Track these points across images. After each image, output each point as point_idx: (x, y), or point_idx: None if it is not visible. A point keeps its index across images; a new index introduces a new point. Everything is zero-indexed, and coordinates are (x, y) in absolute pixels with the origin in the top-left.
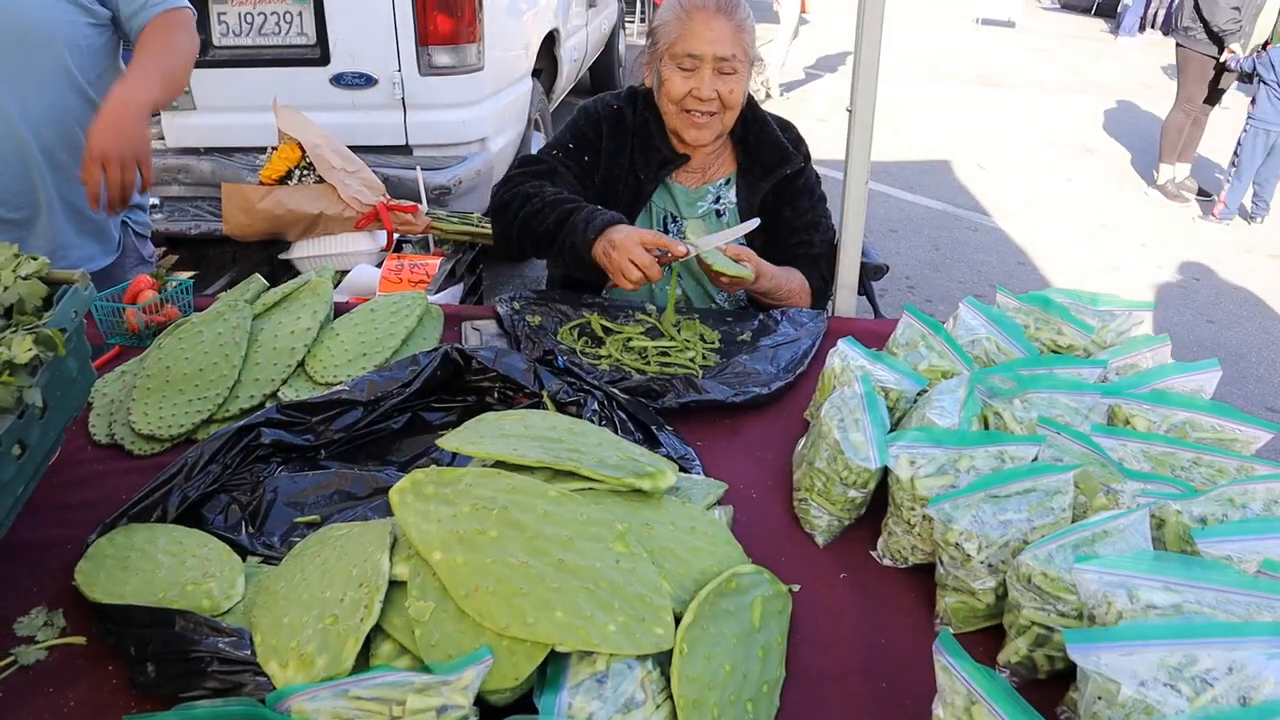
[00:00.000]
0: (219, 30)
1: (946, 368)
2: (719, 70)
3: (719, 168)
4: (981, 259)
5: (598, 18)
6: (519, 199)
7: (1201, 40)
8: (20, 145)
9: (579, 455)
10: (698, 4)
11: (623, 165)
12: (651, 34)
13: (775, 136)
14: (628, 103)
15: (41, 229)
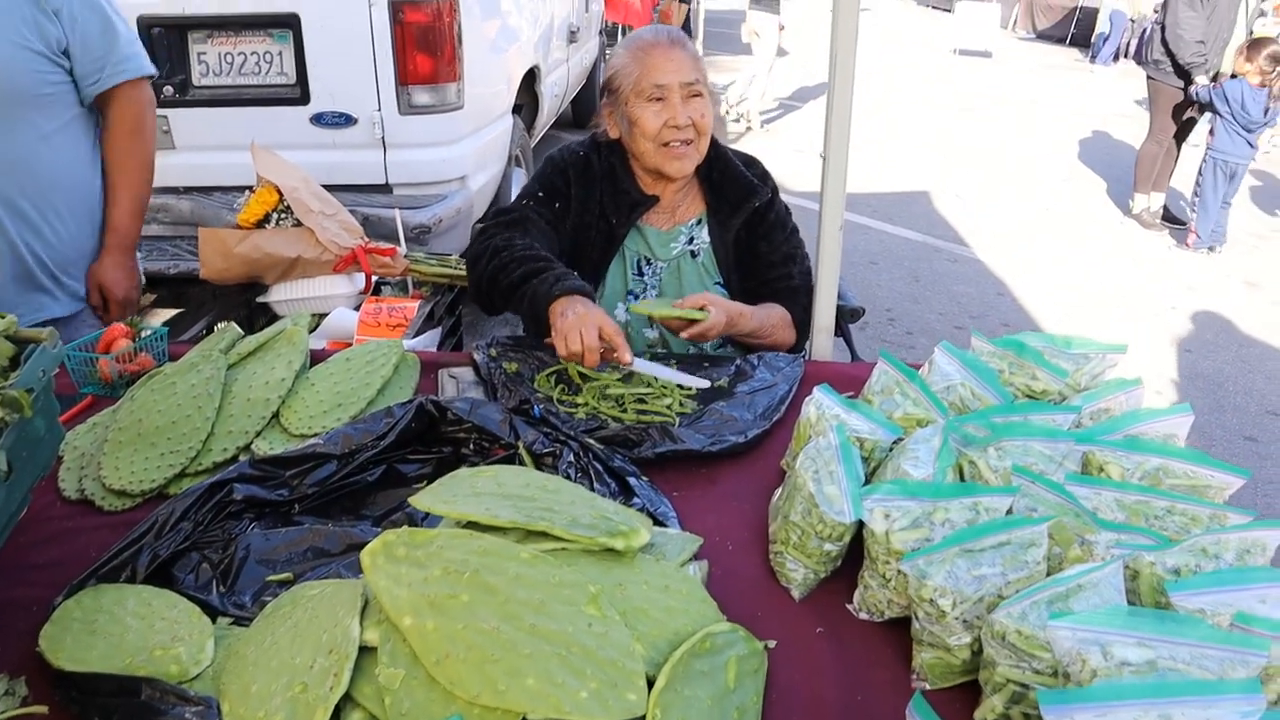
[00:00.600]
0: (198, 70)
1: (921, 415)
2: (688, 95)
3: (688, 208)
4: (961, 290)
5: (578, 52)
6: (489, 252)
7: (1170, 73)
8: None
9: (552, 514)
10: (650, 41)
11: (593, 211)
12: (607, 84)
13: (740, 172)
14: (592, 149)
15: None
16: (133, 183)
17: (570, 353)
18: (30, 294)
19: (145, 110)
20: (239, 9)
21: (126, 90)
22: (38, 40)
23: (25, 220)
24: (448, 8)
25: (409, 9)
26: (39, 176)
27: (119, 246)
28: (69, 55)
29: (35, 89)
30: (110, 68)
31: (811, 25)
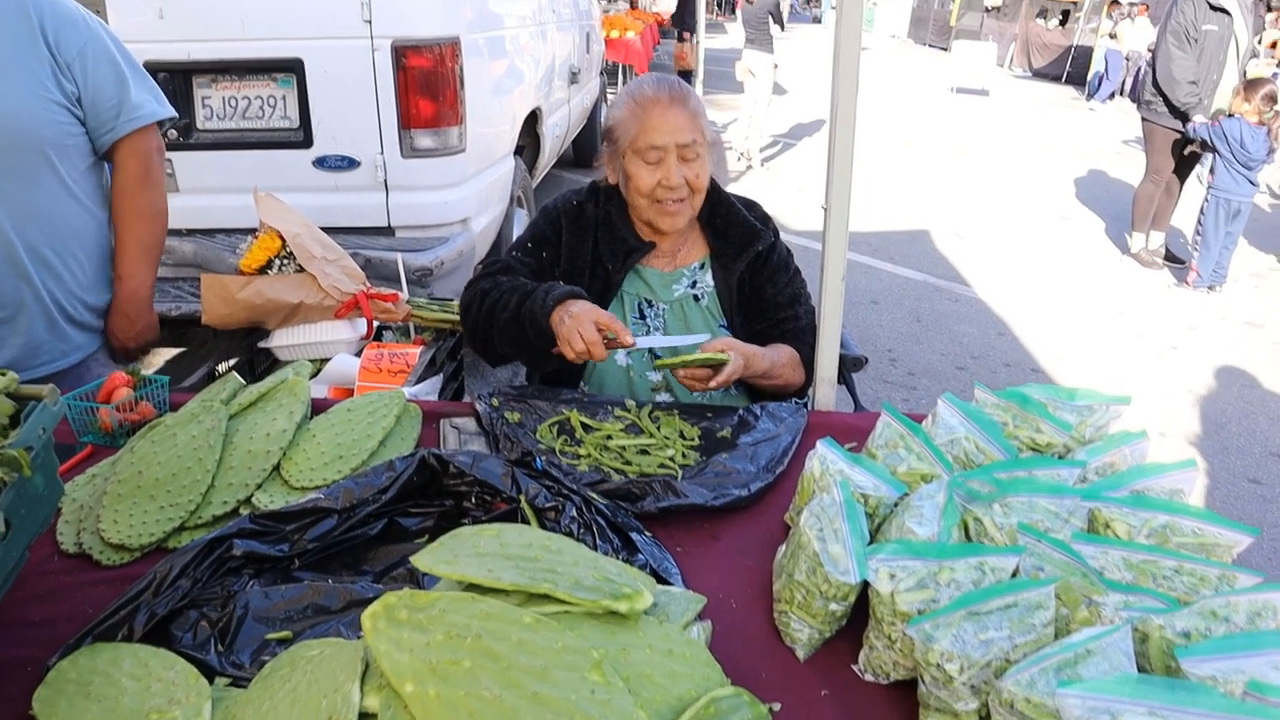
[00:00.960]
0: (203, 114)
1: (925, 470)
2: (683, 157)
3: (690, 251)
4: (962, 330)
5: (580, 93)
6: (479, 296)
7: (1163, 114)
8: (4, 245)
9: (555, 576)
10: (650, 98)
11: (585, 257)
12: (608, 133)
13: (743, 216)
14: (589, 197)
15: (22, 326)
16: (140, 231)
17: (577, 353)
18: (51, 339)
19: (153, 158)
20: (243, 54)
21: (135, 138)
22: (56, 90)
23: (48, 268)
24: (450, 52)
25: (411, 54)
26: (60, 225)
27: (125, 295)
28: (82, 106)
29: (58, 140)
30: (124, 116)
31: (805, 62)
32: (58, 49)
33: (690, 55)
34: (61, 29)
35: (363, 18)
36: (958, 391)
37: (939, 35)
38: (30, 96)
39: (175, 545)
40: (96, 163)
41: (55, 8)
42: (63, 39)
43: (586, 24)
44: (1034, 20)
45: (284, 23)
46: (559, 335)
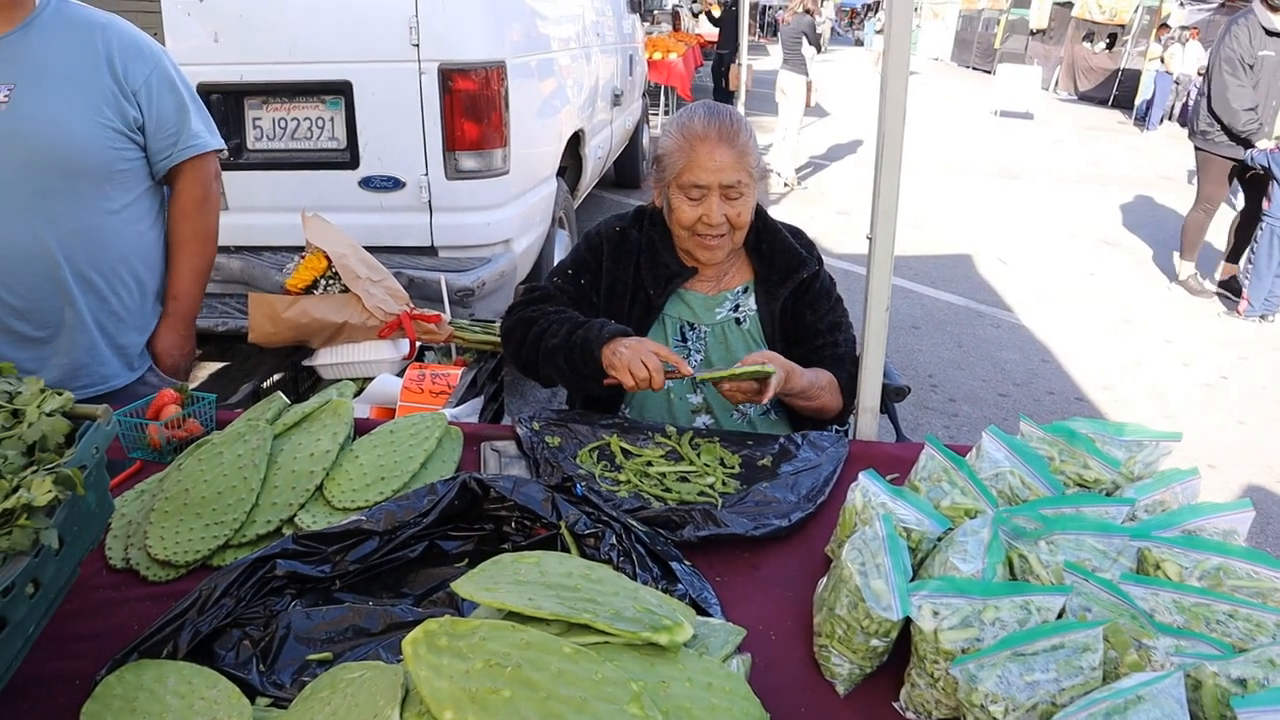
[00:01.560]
0: (253, 134)
1: (969, 505)
2: (726, 196)
3: (734, 275)
4: (1004, 356)
5: (622, 115)
6: (522, 324)
7: (1220, 142)
8: (51, 267)
9: (595, 607)
10: (699, 134)
11: (626, 282)
12: (657, 160)
13: (788, 243)
14: (633, 223)
15: (62, 347)
16: (194, 253)
17: (638, 379)
18: (91, 362)
19: (211, 184)
20: (294, 77)
21: (194, 165)
22: (117, 119)
23: (94, 291)
24: (496, 76)
25: (458, 77)
26: (108, 249)
27: (176, 313)
28: (144, 133)
29: (111, 165)
30: (182, 143)
31: (846, 84)
32: (125, 78)
33: (738, 77)
34: (129, 59)
35: (411, 41)
36: (999, 419)
37: (983, 58)
38: (88, 124)
39: (219, 563)
40: (152, 187)
41: (123, 39)
42: (130, 69)
43: (630, 46)
44: (1080, 43)
45: (334, 46)
46: (617, 365)
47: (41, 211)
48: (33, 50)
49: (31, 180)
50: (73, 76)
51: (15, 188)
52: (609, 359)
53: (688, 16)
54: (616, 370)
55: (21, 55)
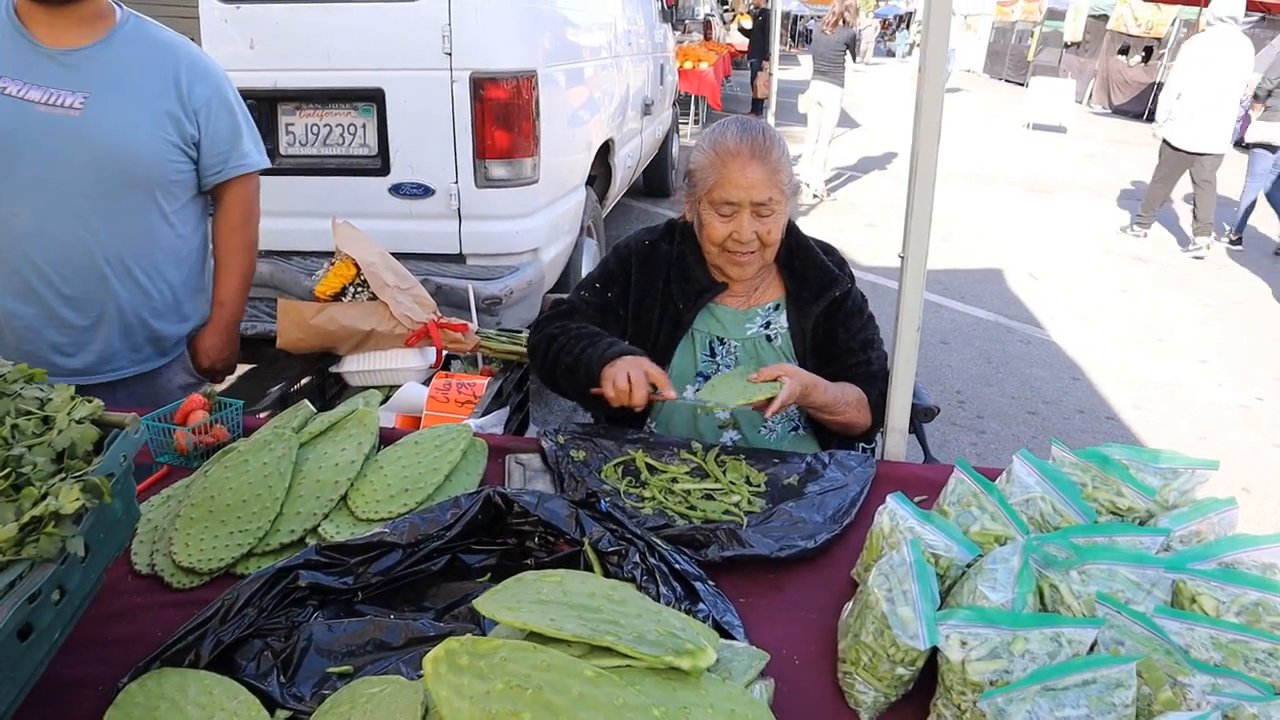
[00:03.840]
0: (285, 140)
1: (999, 532)
2: (757, 213)
3: (765, 291)
4: (1034, 373)
5: (653, 124)
6: (546, 340)
7: None
8: (99, 262)
9: (617, 629)
10: (732, 150)
11: (654, 296)
12: (689, 174)
13: (821, 261)
14: (663, 236)
15: (101, 334)
16: (239, 263)
17: (618, 390)
18: (125, 349)
19: (254, 199)
20: (327, 84)
21: (242, 181)
22: (176, 135)
23: (138, 287)
24: (527, 85)
25: (490, 85)
26: (153, 250)
27: (220, 319)
28: (198, 149)
29: (167, 176)
30: (233, 161)
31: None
32: (188, 98)
33: (765, 85)
34: (194, 81)
35: (443, 50)
36: (1028, 437)
37: (1016, 70)
38: (151, 137)
39: (243, 571)
40: (197, 196)
41: (191, 61)
42: (194, 90)
43: (661, 56)
44: (1115, 56)
45: (367, 54)
46: (604, 376)
47: (99, 212)
48: (110, 64)
49: (94, 183)
50: (143, 92)
51: (78, 188)
52: (604, 373)
53: (719, 26)
54: (603, 381)
55: (99, 67)
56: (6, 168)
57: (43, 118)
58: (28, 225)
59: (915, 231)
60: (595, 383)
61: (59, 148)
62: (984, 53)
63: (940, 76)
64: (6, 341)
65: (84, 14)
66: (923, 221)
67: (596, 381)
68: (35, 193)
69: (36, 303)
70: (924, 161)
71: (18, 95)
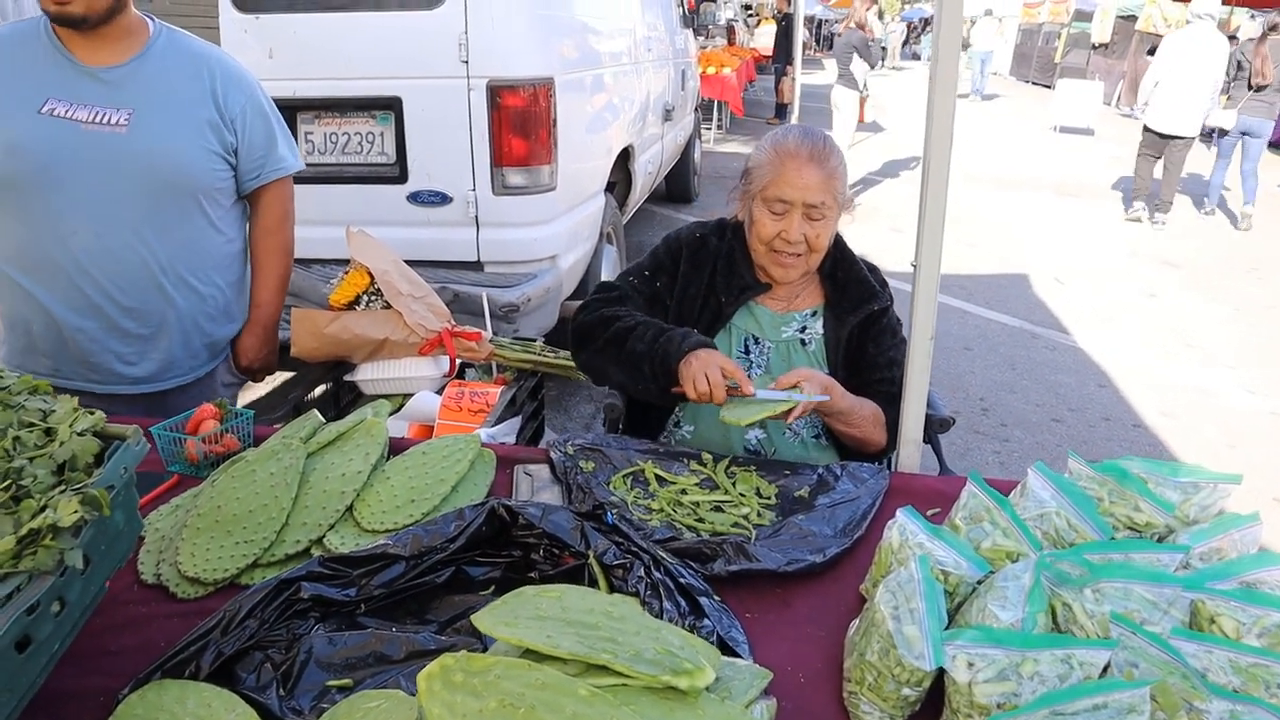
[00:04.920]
0: (305, 148)
1: (1011, 548)
2: (808, 216)
3: (805, 298)
4: (1059, 380)
5: (674, 129)
6: (604, 321)
7: None
8: (154, 272)
9: (614, 646)
10: (791, 151)
11: (699, 287)
12: (746, 173)
13: (864, 275)
14: (714, 231)
15: (162, 344)
16: (276, 265)
17: (700, 393)
18: (185, 356)
19: (289, 202)
20: (346, 92)
21: (277, 185)
22: (217, 143)
23: (193, 293)
24: (544, 92)
25: (506, 93)
26: (205, 256)
27: (258, 320)
28: (236, 155)
29: (211, 184)
30: (269, 166)
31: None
32: (225, 106)
33: (788, 90)
34: (230, 89)
35: (460, 58)
36: (1053, 445)
37: (1042, 72)
38: (193, 148)
39: (248, 582)
40: (238, 202)
41: (226, 70)
42: (230, 98)
43: (683, 61)
44: (1144, 57)
45: (385, 62)
46: (683, 375)
47: (150, 223)
48: (150, 78)
49: (143, 196)
50: (183, 104)
51: (128, 202)
52: (682, 369)
53: (743, 30)
54: (683, 380)
55: (140, 83)
56: (60, 187)
57: (91, 136)
58: (84, 242)
59: (928, 240)
60: (667, 371)
61: (108, 164)
62: (1010, 55)
63: (953, 83)
64: (73, 354)
65: (116, 32)
66: (935, 230)
67: (670, 370)
68: (89, 210)
69: (98, 316)
70: (936, 168)
71: (66, 116)
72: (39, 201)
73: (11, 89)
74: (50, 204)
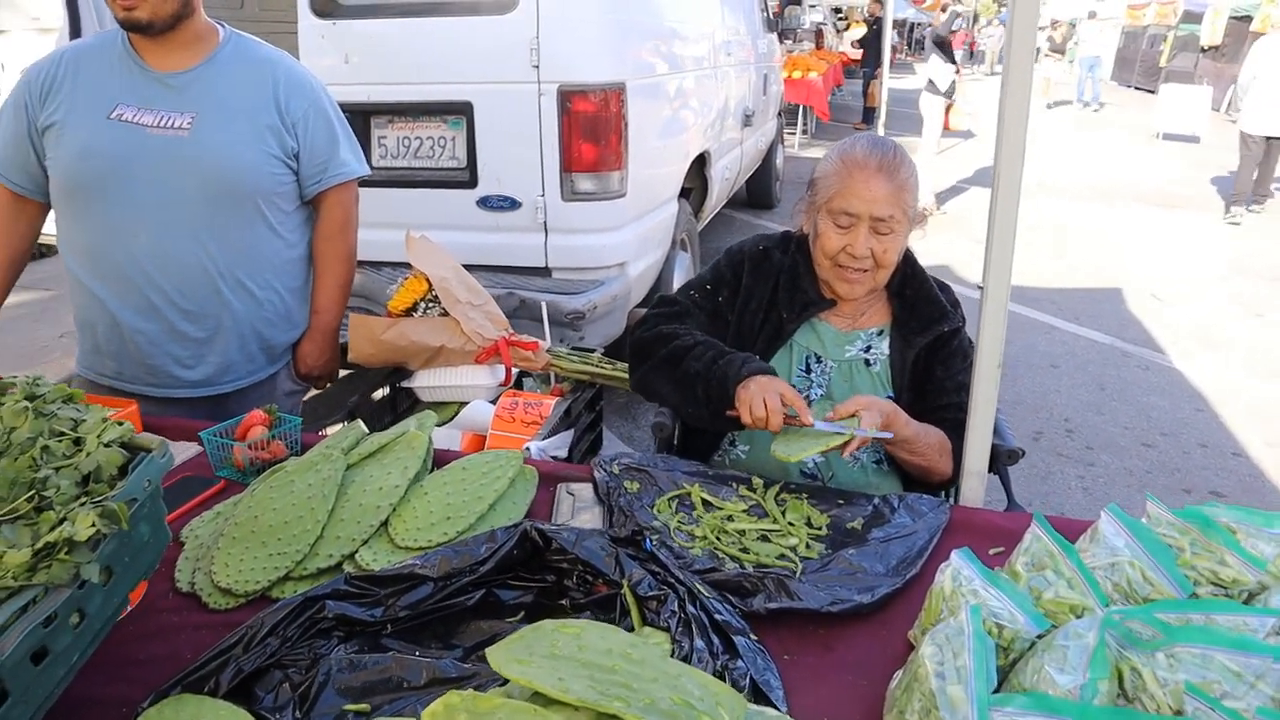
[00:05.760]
0: (378, 152)
1: (1075, 601)
2: (875, 230)
3: (871, 316)
4: (1152, 402)
5: (755, 135)
6: (663, 339)
7: None
8: (213, 276)
9: (628, 694)
10: (859, 161)
11: (761, 301)
12: (812, 183)
13: (934, 294)
14: (778, 244)
15: (219, 347)
16: (336, 271)
17: (755, 418)
18: (241, 360)
19: (352, 208)
20: (418, 97)
21: (339, 190)
22: (278, 148)
23: (251, 297)
24: (615, 98)
25: (577, 98)
26: (264, 261)
27: (318, 327)
28: (298, 160)
29: (271, 189)
30: (330, 171)
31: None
32: (287, 111)
33: (875, 94)
34: (292, 93)
35: (531, 63)
36: (1142, 472)
37: (1146, 77)
38: (255, 153)
39: (279, 595)
40: (301, 206)
41: (290, 74)
42: (292, 102)
43: (765, 66)
44: None
45: (457, 67)
46: (741, 398)
47: (210, 228)
48: (214, 84)
49: (203, 200)
50: (246, 109)
51: (189, 206)
52: (740, 392)
53: (831, 34)
54: (739, 404)
55: (204, 88)
56: (125, 190)
57: (156, 140)
58: (146, 244)
59: (997, 260)
60: (723, 394)
61: (171, 168)
62: (1112, 58)
63: (1026, 90)
64: (132, 356)
65: (185, 38)
66: (1005, 249)
67: (727, 393)
68: (152, 213)
69: (158, 318)
70: (1007, 181)
71: (133, 120)
72: (105, 204)
73: (87, 96)
74: (115, 207)
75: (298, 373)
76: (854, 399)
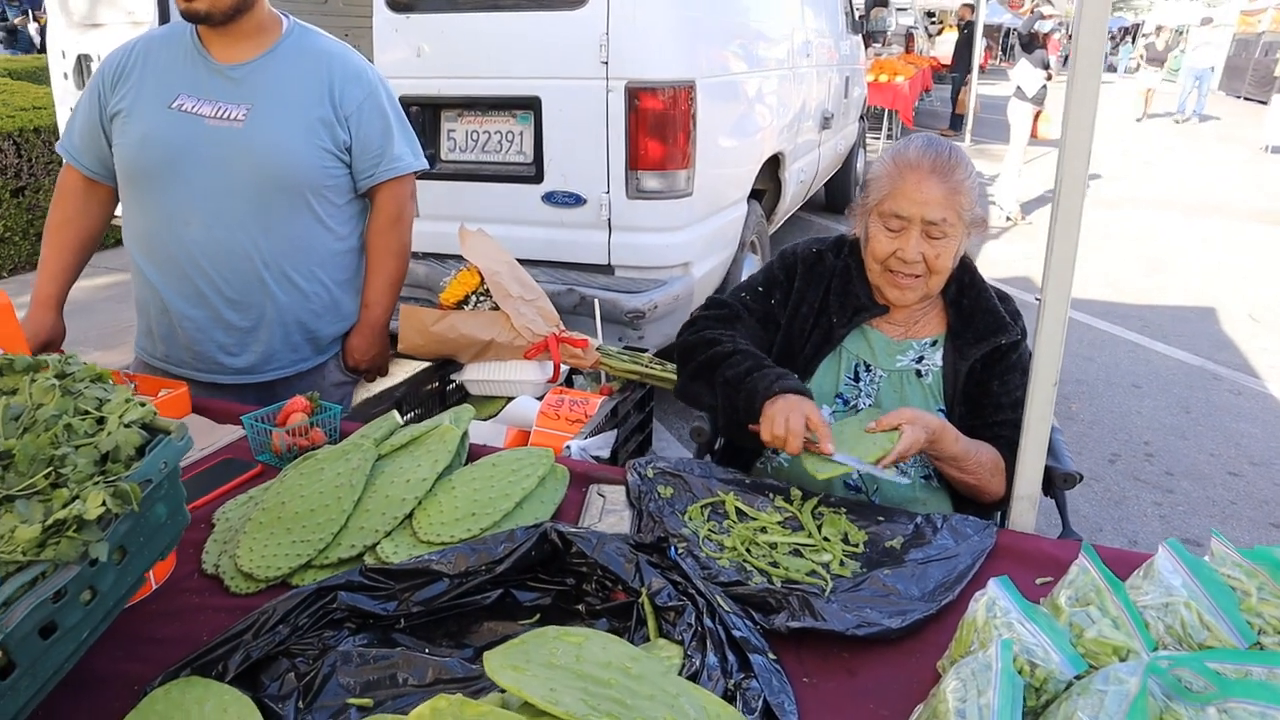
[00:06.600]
0: (447, 145)
1: (1119, 643)
2: (927, 234)
3: (925, 325)
4: (1241, 429)
5: (834, 137)
6: (706, 343)
7: None
8: (258, 266)
9: (622, 711)
10: (911, 163)
11: (812, 305)
12: (864, 185)
13: (993, 305)
14: (831, 248)
15: (262, 336)
16: (388, 266)
17: (774, 436)
18: (284, 350)
19: (406, 203)
20: (488, 91)
21: (392, 184)
22: (329, 141)
23: (296, 290)
24: (684, 96)
25: (645, 96)
26: (311, 254)
27: (367, 321)
28: (350, 153)
29: (320, 181)
30: (384, 164)
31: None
32: (340, 103)
33: (964, 100)
34: (347, 86)
35: (600, 59)
36: (1226, 503)
37: (1259, 87)
38: (305, 145)
39: (299, 583)
40: (354, 199)
41: (346, 68)
42: (347, 95)
43: (848, 68)
44: None
45: (526, 62)
46: (765, 412)
47: (258, 219)
48: (272, 75)
49: (253, 191)
50: (301, 102)
51: (240, 196)
52: (766, 407)
53: (922, 38)
54: (763, 419)
55: (262, 79)
56: (180, 178)
57: (212, 131)
58: (197, 233)
59: (1056, 273)
60: (753, 407)
61: (225, 159)
62: (1221, 67)
63: (1093, 100)
64: (180, 342)
65: (247, 29)
66: (1065, 263)
67: (754, 407)
68: (204, 202)
69: (205, 306)
70: (1069, 192)
71: (192, 111)
72: (162, 192)
73: (153, 85)
74: (171, 195)
75: (346, 365)
76: (898, 411)
